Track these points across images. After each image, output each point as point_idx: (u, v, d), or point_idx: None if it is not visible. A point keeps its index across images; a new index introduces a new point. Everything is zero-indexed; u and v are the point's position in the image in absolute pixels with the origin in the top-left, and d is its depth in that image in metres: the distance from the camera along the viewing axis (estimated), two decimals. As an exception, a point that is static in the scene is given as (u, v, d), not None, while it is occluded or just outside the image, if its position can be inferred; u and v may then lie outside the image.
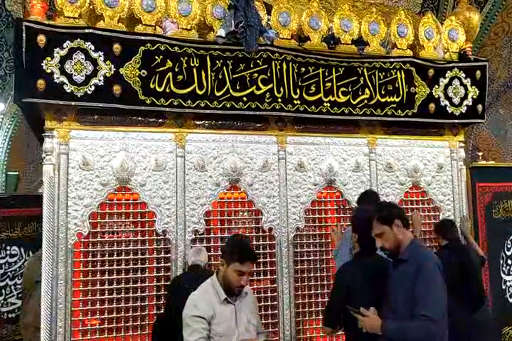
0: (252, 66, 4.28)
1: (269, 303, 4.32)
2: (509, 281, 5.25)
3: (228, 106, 4.21)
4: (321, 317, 4.42)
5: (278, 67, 4.35)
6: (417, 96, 4.82)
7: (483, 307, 4.37)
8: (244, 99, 4.25)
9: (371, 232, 2.87)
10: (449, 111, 4.95)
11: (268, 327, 4.28)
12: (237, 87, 4.23)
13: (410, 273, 2.56)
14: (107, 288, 3.94)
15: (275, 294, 4.34)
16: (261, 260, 4.35)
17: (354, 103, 4.59)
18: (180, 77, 4.09)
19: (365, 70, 4.64)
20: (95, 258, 3.95)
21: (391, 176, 4.86)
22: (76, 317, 3.83)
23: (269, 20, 4.48)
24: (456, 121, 5.02)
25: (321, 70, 4.51)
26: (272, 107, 4.32)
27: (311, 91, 4.47)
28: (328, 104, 4.52)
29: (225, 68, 4.21)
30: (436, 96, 4.90)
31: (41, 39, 3.71)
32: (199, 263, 3.81)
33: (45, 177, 3.88)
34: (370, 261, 2.98)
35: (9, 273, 5.42)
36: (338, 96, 4.55)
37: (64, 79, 3.78)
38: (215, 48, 4.19)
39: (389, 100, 4.71)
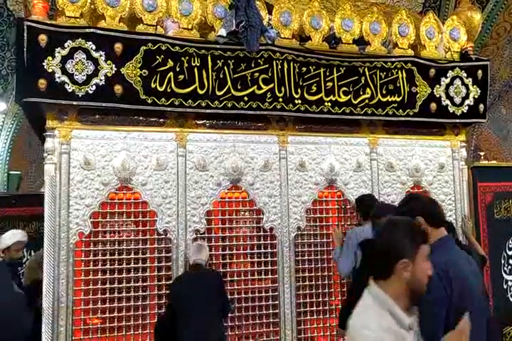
0: (253, 66, 4.28)
1: (270, 303, 4.32)
2: (510, 281, 5.24)
3: (229, 105, 4.21)
4: (322, 316, 4.46)
5: (279, 66, 4.35)
6: (418, 95, 4.81)
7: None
8: (246, 98, 4.25)
9: None
10: (451, 111, 4.95)
11: (269, 327, 4.30)
12: (238, 87, 4.23)
13: None
14: (108, 287, 3.95)
15: (276, 293, 4.34)
16: (262, 259, 4.37)
17: (355, 102, 4.59)
18: (181, 77, 4.09)
19: (366, 70, 4.64)
20: (96, 258, 3.96)
21: (392, 176, 4.85)
22: (77, 316, 3.84)
23: (270, 19, 4.48)
24: (457, 120, 5.02)
25: (322, 70, 4.51)
26: (273, 107, 4.32)
27: (312, 91, 4.47)
28: (329, 104, 4.51)
29: (226, 68, 4.21)
30: (438, 95, 4.90)
31: (42, 38, 3.71)
32: (200, 262, 3.81)
33: (47, 176, 3.89)
34: None
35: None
36: (339, 96, 4.55)
37: (65, 78, 3.78)
38: (216, 48, 4.19)
39: (390, 100, 4.71)
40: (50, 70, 3.74)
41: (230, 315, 4.03)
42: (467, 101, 5.00)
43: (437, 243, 2.24)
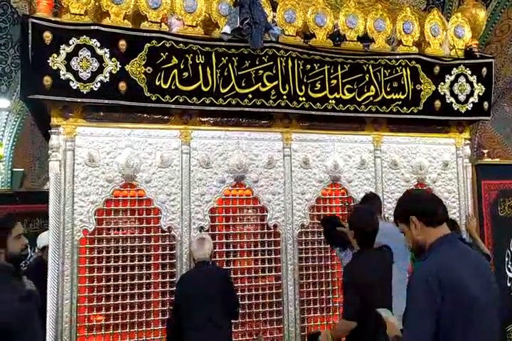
0: (257, 63, 4.28)
1: (273, 300, 4.33)
2: (514, 279, 5.24)
3: (233, 103, 4.21)
4: (325, 314, 4.46)
5: (283, 64, 4.34)
6: (422, 93, 4.80)
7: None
8: (250, 96, 4.25)
9: (368, 229, 3.18)
10: (455, 109, 4.94)
11: (273, 324, 4.30)
12: (243, 84, 4.23)
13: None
14: (112, 284, 3.95)
15: (280, 291, 4.35)
16: (266, 257, 4.37)
17: (359, 100, 4.58)
18: (185, 74, 4.09)
19: (370, 67, 4.63)
20: (101, 255, 3.96)
21: (396, 173, 4.85)
22: (82, 313, 3.84)
23: (274, 17, 4.48)
24: (461, 118, 5.01)
25: (326, 67, 4.50)
26: (277, 104, 4.32)
27: (316, 89, 4.46)
28: (334, 101, 4.51)
29: (230, 65, 4.21)
30: (442, 93, 4.89)
31: (47, 36, 3.71)
32: (203, 258, 3.72)
33: (51, 173, 3.89)
34: (371, 257, 3.19)
35: (15, 269, 5.45)
36: (344, 94, 4.55)
37: (70, 75, 3.78)
38: (221, 45, 4.18)
39: (394, 97, 4.70)
40: (54, 67, 3.74)
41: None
42: (471, 99, 4.99)
43: (434, 244, 2.12)
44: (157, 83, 4.00)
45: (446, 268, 2.00)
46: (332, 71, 4.52)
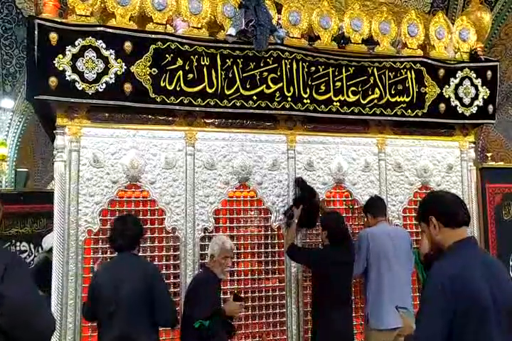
0: (262, 65, 4.28)
1: (277, 302, 4.33)
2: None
3: (238, 104, 4.22)
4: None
5: (288, 66, 4.35)
6: (427, 96, 4.80)
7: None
8: (254, 97, 4.25)
9: (339, 230, 3.94)
10: (460, 112, 4.93)
11: (276, 326, 4.30)
12: (247, 86, 4.23)
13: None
14: (116, 284, 3.95)
15: (283, 293, 4.34)
16: (269, 259, 4.37)
17: (364, 102, 4.58)
18: (190, 76, 4.10)
19: (375, 70, 4.63)
20: (105, 255, 3.96)
21: (400, 176, 4.84)
22: (85, 314, 3.85)
23: (279, 19, 4.48)
24: (466, 121, 5.00)
25: (331, 69, 4.50)
26: (281, 106, 4.32)
27: (320, 91, 4.46)
28: (338, 104, 4.51)
29: (235, 67, 4.21)
30: (447, 96, 4.88)
31: (53, 37, 3.73)
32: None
33: (57, 173, 3.91)
34: (337, 250, 3.90)
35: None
36: (348, 96, 4.55)
37: (76, 76, 3.79)
38: (225, 47, 4.19)
39: (399, 100, 4.70)
40: (60, 68, 3.75)
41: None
42: (476, 102, 4.98)
43: (452, 246, 2.10)
44: (162, 84, 4.01)
45: (462, 271, 1.99)
46: (337, 73, 4.52)
